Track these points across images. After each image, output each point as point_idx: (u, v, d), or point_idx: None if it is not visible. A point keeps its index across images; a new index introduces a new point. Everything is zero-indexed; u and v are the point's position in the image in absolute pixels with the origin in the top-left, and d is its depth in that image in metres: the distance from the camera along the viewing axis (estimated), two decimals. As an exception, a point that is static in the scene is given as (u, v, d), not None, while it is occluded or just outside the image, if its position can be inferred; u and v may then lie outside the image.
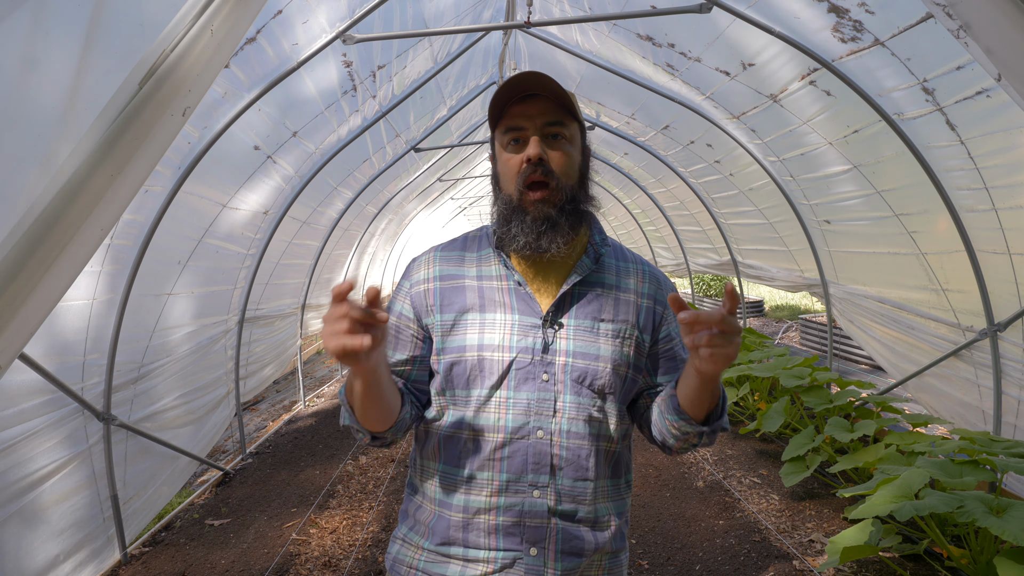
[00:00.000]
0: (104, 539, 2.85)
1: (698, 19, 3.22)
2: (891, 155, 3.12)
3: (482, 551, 1.02)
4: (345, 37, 2.93)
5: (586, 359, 1.03)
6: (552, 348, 1.03)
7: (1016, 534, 1.91)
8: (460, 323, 1.05)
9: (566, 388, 1.02)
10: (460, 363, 1.03)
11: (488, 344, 1.02)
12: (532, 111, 1.03)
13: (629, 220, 9.39)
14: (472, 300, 1.05)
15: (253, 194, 3.73)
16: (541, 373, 1.02)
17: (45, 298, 1.11)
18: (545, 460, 1.01)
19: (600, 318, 1.06)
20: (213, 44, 1.19)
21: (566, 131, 1.04)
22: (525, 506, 1.01)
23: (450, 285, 1.08)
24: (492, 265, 1.09)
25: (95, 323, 2.67)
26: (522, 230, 1.02)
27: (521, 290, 1.06)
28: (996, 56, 1.10)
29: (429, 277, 1.10)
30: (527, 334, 1.03)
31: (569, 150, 1.04)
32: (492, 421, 1.02)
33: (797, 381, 3.88)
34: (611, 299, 1.08)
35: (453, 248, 1.14)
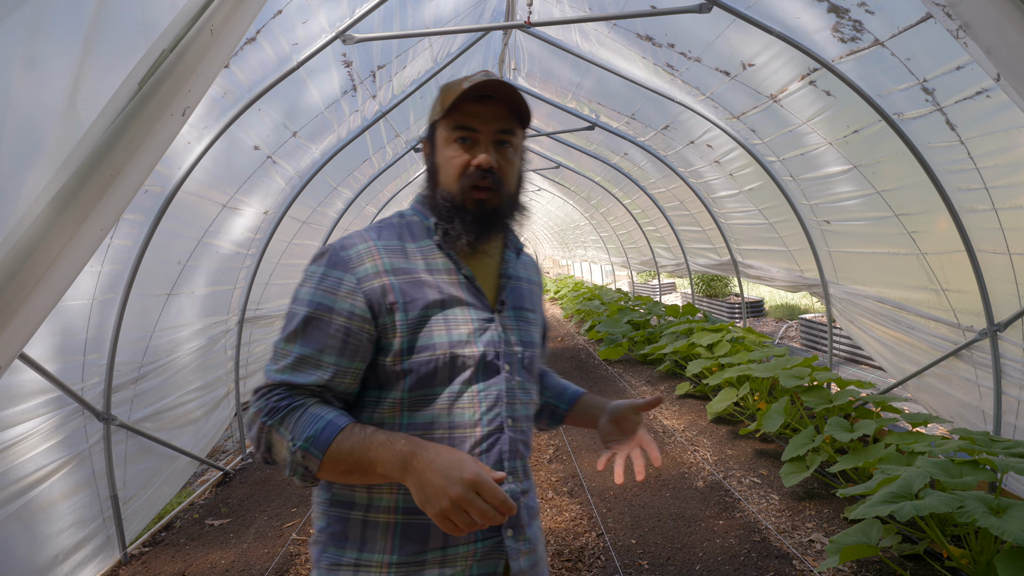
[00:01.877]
0: (104, 539, 2.85)
1: (698, 19, 3.22)
2: (891, 155, 3.12)
3: (462, 546, 1.00)
4: (345, 37, 2.94)
5: (527, 347, 1.10)
6: (507, 339, 1.06)
7: (1016, 534, 1.91)
8: (425, 321, 1.00)
9: (521, 377, 1.08)
10: (430, 362, 0.99)
11: (457, 340, 1.01)
12: (488, 114, 1.03)
13: (629, 220, 9.39)
14: (433, 295, 1.02)
15: (253, 194, 3.73)
16: (504, 365, 1.05)
17: (45, 298, 1.11)
18: (516, 447, 1.06)
19: (525, 307, 1.14)
20: (213, 44, 1.19)
21: (515, 140, 1.07)
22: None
23: (407, 280, 1.01)
24: (438, 259, 1.06)
25: (95, 323, 2.68)
26: (465, 228, 1.03)
27: (471, 284, 1.06)
28: (995, 56, 1.10)
29: (379, 271, 1.00)
30: (486, 328, 1.04)
31: (514, 159, 1.07)
32: (468, 417, 1.01)
33: (797, 381, 3.88)
34: (528, 290, 1.17)
35: (388, 238, 1.05)
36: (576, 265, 21.30)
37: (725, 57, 3.51)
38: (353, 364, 0.98)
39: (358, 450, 0.89)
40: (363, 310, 0.98)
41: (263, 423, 0.93)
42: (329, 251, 1.02)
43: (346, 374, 0.98)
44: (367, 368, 1.01)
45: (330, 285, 0.99)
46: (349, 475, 0.92)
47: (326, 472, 0.91)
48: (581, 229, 14.76)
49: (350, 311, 0.98)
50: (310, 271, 1.02)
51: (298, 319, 0.98)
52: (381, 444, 0.90)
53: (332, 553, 1.01)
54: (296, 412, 0.93)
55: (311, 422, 0.91)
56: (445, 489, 0.83)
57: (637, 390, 5.87)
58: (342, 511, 1.01)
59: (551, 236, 20.83)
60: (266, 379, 0.97)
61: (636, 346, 7.46)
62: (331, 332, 0.97)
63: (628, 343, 7.38)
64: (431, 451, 0.88)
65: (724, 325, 6.05)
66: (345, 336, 0.97)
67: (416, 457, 0.87)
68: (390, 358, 0.99)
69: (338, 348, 0.97)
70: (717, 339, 5.63)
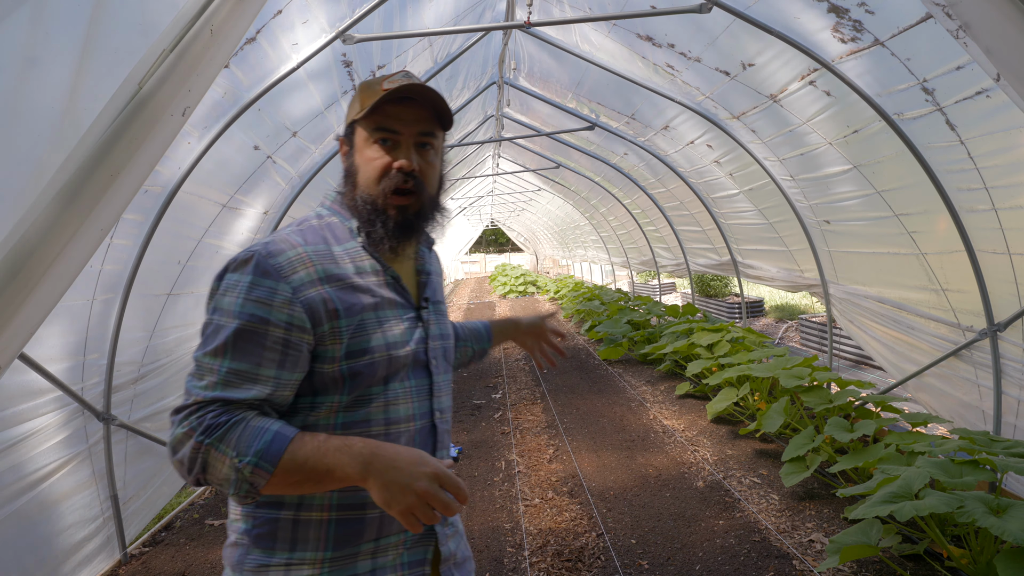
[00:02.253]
0: (104, 539, 2.85)
1: (698, 19, 3.22)
2: (891, 155, 3.12)
3: (394, 536, 1.03)
4: (345, 37, 2.94)
5: (446, 339, 1.17)
6: (430, 335, 1.11)
7: (1016, 534, 1.91)
8: (362, 326, 1.00)
9: (443, 369, 1.15)
10: (371, 366, 1.00)
11: (393, 342, 1.03)
12: (409, 116, 1.03)
13: (629, 220, 9.39)
14: (367, 300, 1.02)
15: (253, 194, 3.73)
16: (431, 359, 1.10)
17: (45, 298, 1.11)
18: (444, 436, 1.12)
19: (438, 300, 1.20)
20: (213, 44, 1.19)
21: (436, 142, 1.08)
22: None
23: (341, 286, 1.00)
24: (365, 261, 1.06)
25: (95, 323, 2.68)
26: (386, 232, 1.05)
27: (397, 285, 1.09)
28: (995, 56, 1.10)
29: (314, 279, 0.97)
30: (414, 326, 1.09)
31: (435, 161, 1.09)
32: (403, 413, 1.05)
33: (797, 381, 3.88)
34: (437, 283, 1.22)
35: (317, 243, 1.02)
36: (576, 265, 21.30)
37: (725, 57, 3.51)
38: (294, 376, 0.96)
39: (313, 458, 0.87)
40: (302, 320, 0.95)
41: (199, 442, 0.87)
42: (255, 258, 0.95)
43: (285, 386, 0.95)
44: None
45: (262, 295, 0.94)
46: (300, 485, 0.89)
47: (274, 486, 0.88)
48: (581, 229, 14.76)
49: (288, 322, 0.94)
50: (233, 280, 0.95)
51: (226, 332, 0.92)
52: (338, 449, 0.88)
53: (258, 555, 0.98)
54: (237, 427, 0.88)
55: (256, 436, 0.87)
56: (411, 485, 0.85)
57: (637, 390, 5.87)
58: (270, 512, 0.99)
59: (551, 236, 20.83)
60: (193, 396, 0.91)
61: (636, 346, 7.46)
62: (268, 345, 0.93)
63: (628, 343, 7.38)
64: (390, 450, 0.89)
65: (724, 325, 6.05)
66: (284, 348, 0.94)
67: (377, 458, 0.87)
68: (328, 365, 0.97)
69: (277, 361, 0.93)
70: (717, 339, 5.63)
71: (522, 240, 29.11)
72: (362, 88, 1.06)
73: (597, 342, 8.50)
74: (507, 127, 8.00)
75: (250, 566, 0.98)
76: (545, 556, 2.92)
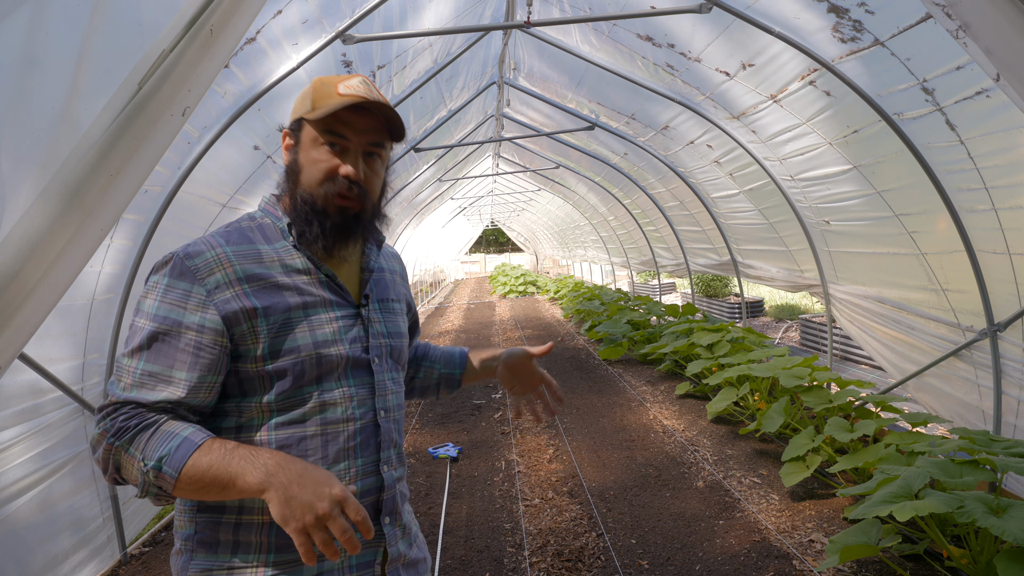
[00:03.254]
0: (104, 539, 2.85)
1: (698, 19, 3.22)
2: (891, 155, 3.12)
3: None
4: (345, 37, 2.94)
5: (394, 337, 1.15)
6: (372, 333, 1.10)
7: (1016, 534, 1.91)
8: (287, 324, 0.99)
9: (388, 367, 1.12)
10: (297, 365, 0.98)
11: (322, 341, 1.01)
12: (361, 125, 1.03)
13: (629, 220, 9.39)
14: (293, 299, 1.01)
15: (253, 194, 3.73)
16: (373, 358, 1.08)
17: (45, 298, 1.11)
18: (389, 436, 1.09)
19: (390, 298, 1.18)
20: (213, 44, 1.19)
21: (384, 152, 1.09)
22: (379, 482, 1.07)
23: (262, 286, 0.99)
24: (296, 259, 1.04)
25: (95, 323, 2.68)
26: (323, 232, 1.03)
27: (332, 283, 1.07)
28: (995, 56, 1.10)
29: (232, 280, 0.97)
30: (351, 324, 1.07)
31: (380, 171, 1.09)
32: (341, 413, 1.02)
33: (797, 381, 3.88)
34: (390, 281, 1.21)
35: (242, 243, 1.02)
36: (576, 265, 21.30)
37: (725, 57, 3.51)
38: (207, 378, 0.95)
39: (216, 465, 0.86)
40: (215, 322, 0.94)
41: (110, 444, 0.88)
42: (173, 260, 0.96)
43: (200, 388, 0.95)
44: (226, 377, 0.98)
45: (176, 298, 0.94)
46: (206, 492, 0.88)
47: (182, 490, 0.88)
48: (581, 229, 14.76)
49: (200, 324, 0.94)
50: (153, 281, 0.96)
51: (143, 334, 0.93)
52: (243, 458, 0.87)
53: (201, 560, 0.98)
54: (147, 431, 0.89)
55: (164, 440, 0.87)
56: (312, 504, 0.82)
57: (637, 390, 5.87)
58: (212, 516, 0.98)
59: (551, 236, 20.83)
60: (110, 397, 0.92)
61: (636, 346, 7.46)
62: (180, 347, 0.93)
63: (628, 343, 7.38)
64: (298, 466, 0.87)
65: (724, 325, 6.05)
66: (197, 351, 0.94)
67: (282, 470, 0.85)
68: (251, 364, 0.97)
69: (189, 363, 0.93)
70: (717, 339, 5.63)
71: (522, 240, 29.12)
72: (316, 85, 1.04)
73: (597, 342, 8.50)
74: (507, 127, 8.01)
75: (194, 571, 0.98)
76: (545, 556, 2.93)
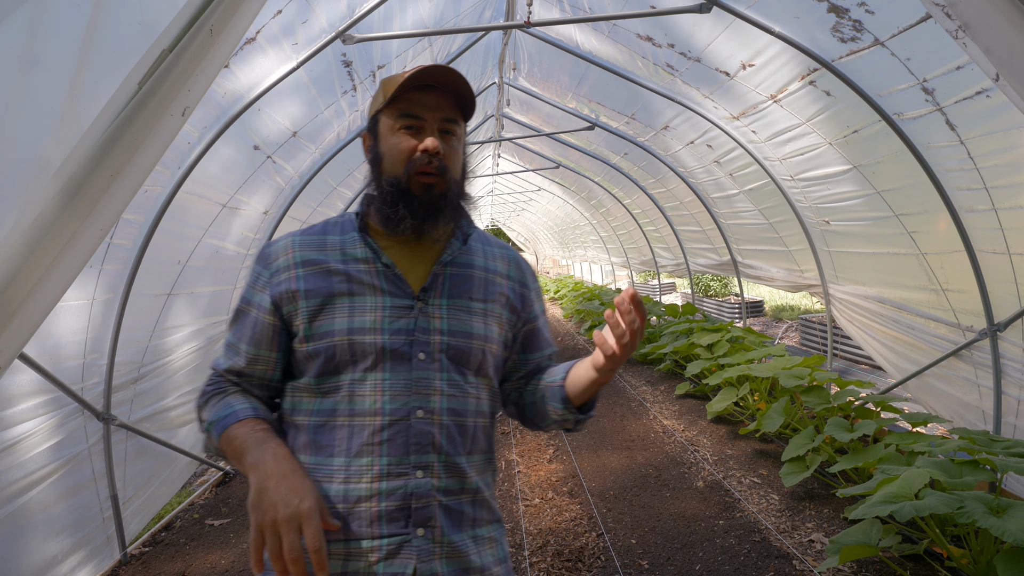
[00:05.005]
0: (104, 539, 2.85)
1: (698, 19, 3.22)
2: (891, 155, 3.12)
3: (365, 540, 0.97)
4: (345, 37, 2.94)
5: (460, 337, 1.06)
6: (426, 327, 1.04)
7: (1016, 534, 1.91)
8: (328, 308, 1.02)
9: (443, 366, 1.04)
10: (329, 348, 1.00)
11: (359, 327, 1.01)
12: (432, 103, 1.04)
13: (629, 220, 9.39)
14: (340, 285, 1.03)
15: (253, 194, 3.73)
16: (418, 353, 1.03)
17: (45, 298, 1.11)
18: (427, 440, 1.01)
19: (471, 297, 1.10)
20: (213, 44, 1.19)
21: (458, 129, 1.08)
22: (410, 488, 0.99)
23: (314, 271, 1.05)
24: (358, 248, 1.07)
25: (95, 323, 2.68)
26: (410, 212, 1.03)
27: (390, 272, 1.05)
28: (995, 56, 1.10)
29: (290, 264, 1.06)
30: (400, 315, 1.03)
31: (458, 148, 1.09)
32: (369, 405, 1.00)
33: (797, 381, 3.88)
34: (481, 280, 1.13)
35: (313, 233, 1.10)
36: (576, 265, 21.29)
37: (725, 57, 3.51)
38: (261, 352, 1.06)
39: (240, 439, 0.96)
40: (267, 302, 1.05)
41: (196, 403, 1.08)
42: (261, 249, 1.11)
43: (257, 361, 1.06)
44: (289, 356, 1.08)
45: (252, 280, 1.09)
46: (233, 459, 0.98)
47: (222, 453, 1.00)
48: (581, 229, 14.75)
49: (259, 303, 1.06)
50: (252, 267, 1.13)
51: (233, 311, 1.11)
52: (258, 441, 0.95)
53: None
54: (215, 397, 1.05)
55: (220, 408, 1.02)
56: (277, 505, 0.85)
57: (637, 390, 5.87)
58: None
59: (551, 236, 20.82)
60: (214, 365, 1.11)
61: (636, 346, 7.46)
62: (247, 323, 1.07)
63: (628, 343, 7.36)
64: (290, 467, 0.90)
65: (724, 325, 6.05)
66: (254, 326, 1.06)
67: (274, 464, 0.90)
68: (298, 344, 1.04)
69: (248, 336, 1.06)
70: (717, 339, 5.63)
71: (522, 240, 29.10)
72: (384, 81, 1.08)
73: (597, 342, 8.49)
74: (507, 127, 8.01)
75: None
76: (545, 556, 2.93)
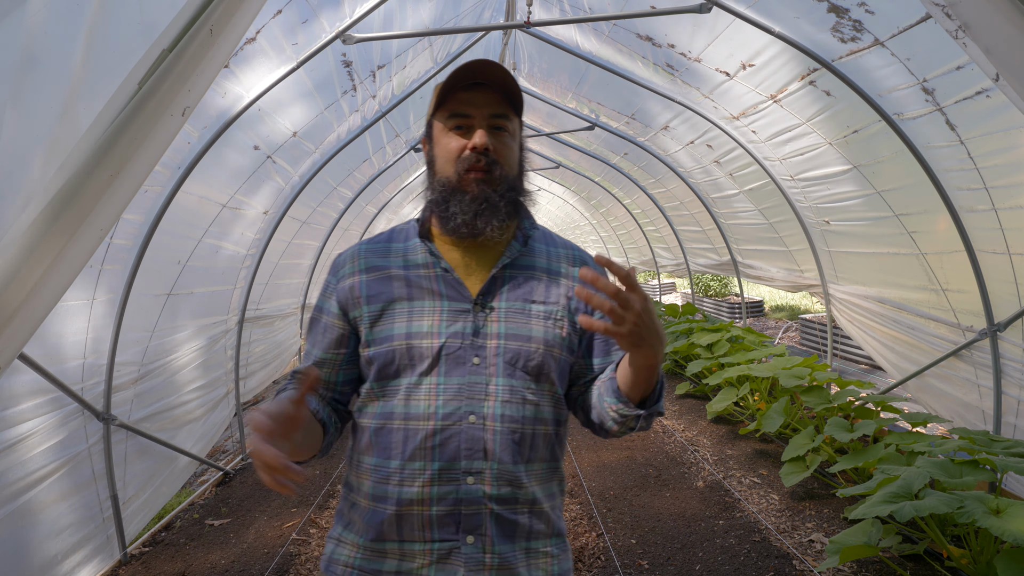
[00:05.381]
0: (104, 539, 2.85)
1: (698, 19, 3.22)
2: (891, 155, 3.12)
3: (418, 543, 0.99)
4: (345, 37, 2.94)
5: (518, 340, 1.03)
6: (483, 331, 1.03)
7: (1016, 534, 1.91)
8: (387, 313, 1.04)
9: (499, 371, 1.02)
10: (388, 352, 1.02)
11: (416, 332, 1.01)
12: (479, 100, 1.04)
13: (629, 220, 9.39)
14: (399, 290, 1.05)
15: (253, 194, 3.73)
16: (472, 357, 1.01)
17: (45, 298, 1.11)
18: (479, 445, 0.99)
19: (532, 300, 1.07)
20: (213, 44, 1.19)
21: (510, 125, 1.06)
22: (460, 493, 0.98)
23: (376, 276, 1.07)
24: (418, 254, 1.08)
25: (95, 323, 2.68)
26: (461, 209, 1.02)
27: (449, 276, 1.05)
28: (995, 56, 1.10)
29: (355, 271, 1.08)
30: (456, 319, 1.03)
31: (510, 143, 1.07)
32: (423, 409, 1.00)
33: (797, 381, 3.88)
34: (542, 282, 1.09)
35: (379, 241, 1.13)
36: (576, 265, 21.27)
37: (725, 57, 3.51)
38: (327, 355, 1.10)
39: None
40: (335, 307, 1.09)
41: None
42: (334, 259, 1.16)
43: (323, 363, 1.10)
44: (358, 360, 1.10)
45: (323, 288, 1.13)
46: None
47: None
48: (581, 229, 14.75)
49: (328, 309, 1.10)
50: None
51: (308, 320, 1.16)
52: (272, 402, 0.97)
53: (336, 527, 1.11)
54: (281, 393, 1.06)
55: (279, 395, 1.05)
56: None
57: (637, 390, 5.87)
58: (345, 491, 1.11)
59: (551, 236, 20.78)
60: None
61: (636, 346, 7.45)
62: (318, 329, 1.12)
63: (628, 343, 7.36)
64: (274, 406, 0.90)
65: (724, 325, 6.05)
66: (324, 331, 1.10)
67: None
68: (361, 348, 1.07)
69: (318, 341, 1.11)
70: (717, 339, 5.63)
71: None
72: (436, 88, 1.08)
73: (597, 342, 8.50)
74: (507, 127, 7.99)
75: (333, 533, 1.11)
76: (545, 556, 2.92)
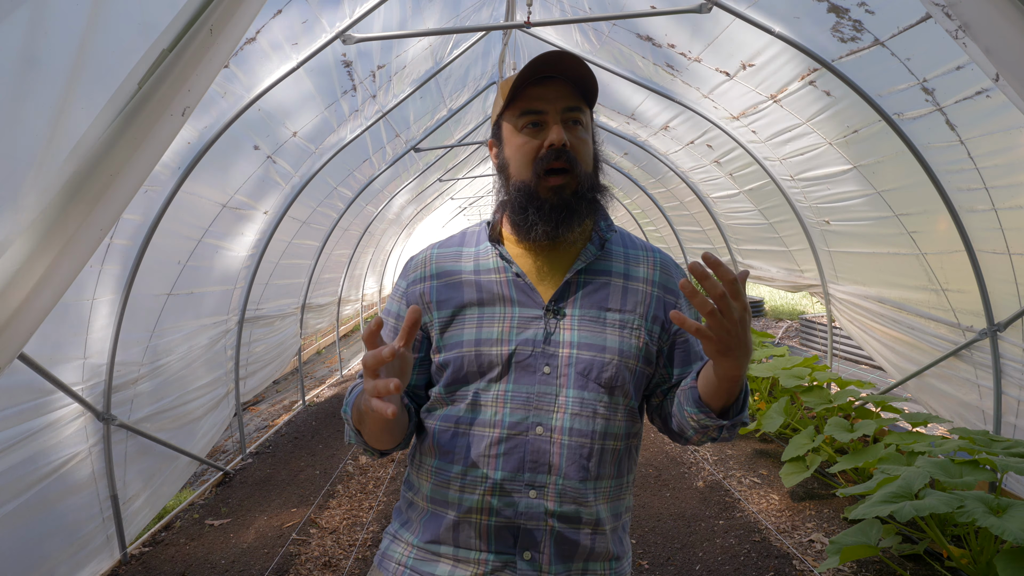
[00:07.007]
0: (104, 539, 2.85)
1: (698, 19, 3.22)
2: (891, 155, 3.12)
3: (473, 552, 0.97)
4: (345, 37, 2.93)
5: (592, 350, 0.98)
6: (554, 339, 0.98)
7: (1016, 534, 1.91)
8: (458, 319, 1.02)
9: (570, 381, 0.97)
10: (458, 359, 1.00)
11: (486, 338, 0.99)
12: (551, 94, 0.98)
13: (629, 220, 9.39)
14: (470, 295, 1.02)
15: (252, 194, 3.73)
16: (543, 366, 0.97)
17: (45, 298, 1.11)
18: (544, 459, 0.96)
19: (607, 307, 1.01)
20: (213, 44, 1.19)
21: (584, 117, 1.01)
22: (520, 507, 0.95)
23: (447, 282, 1.05)
24: (490, 258, 1.05)
25: (95, 323, 2.67)
26: (540, 217, 0.98)
27: (520, 281, 1.01)
28: (995, 56, 1.10)
29: (426, 276, 1.07)
30: (527, 326, 0.99)
31: (586, 137, 1.01)
32: (489, 416, 0.98)
33: (797, 381, 3.88)
34: (619, 288, 1.03)
35: (451, 245, 1.10)
36: (576, 265, 21.28)
37: (725, 57, 3.50)
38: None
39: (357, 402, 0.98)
40: (403, 311, 1.08)
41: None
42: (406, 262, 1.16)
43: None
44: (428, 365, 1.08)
45: (393, 292, 1.13)
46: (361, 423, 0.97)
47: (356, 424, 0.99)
48: (581, 229, 14.74)
49: (397, 312, 1.10)
50: None
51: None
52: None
53: (393, 521, 1.12)
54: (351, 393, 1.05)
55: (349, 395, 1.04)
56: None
57: (637, 390, 5.87)
58: (405, 489, 1.12)
59: (551, 236, 20.79)
60: None
61: (636, 346, 7.45)
62: (386, 332, 1.10)
63: (628, 343, 7.37)
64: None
65: (724, 325, 6.04)
66: (392, 333, 1.09)
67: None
68: (432, 353, 1.06)
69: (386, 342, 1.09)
70: (717, 339, 5.62)
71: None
72: (501, 85, 1.04)
73: (597, 342, 8.50)
74: (507, 127, 7.99)
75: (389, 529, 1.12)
76: (545, 556, 2.92)
